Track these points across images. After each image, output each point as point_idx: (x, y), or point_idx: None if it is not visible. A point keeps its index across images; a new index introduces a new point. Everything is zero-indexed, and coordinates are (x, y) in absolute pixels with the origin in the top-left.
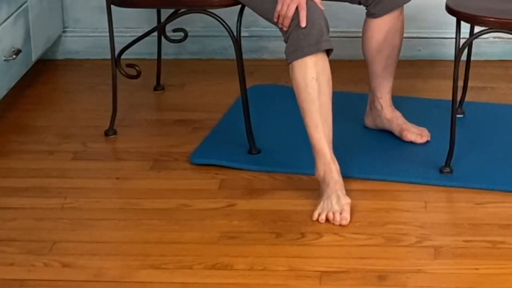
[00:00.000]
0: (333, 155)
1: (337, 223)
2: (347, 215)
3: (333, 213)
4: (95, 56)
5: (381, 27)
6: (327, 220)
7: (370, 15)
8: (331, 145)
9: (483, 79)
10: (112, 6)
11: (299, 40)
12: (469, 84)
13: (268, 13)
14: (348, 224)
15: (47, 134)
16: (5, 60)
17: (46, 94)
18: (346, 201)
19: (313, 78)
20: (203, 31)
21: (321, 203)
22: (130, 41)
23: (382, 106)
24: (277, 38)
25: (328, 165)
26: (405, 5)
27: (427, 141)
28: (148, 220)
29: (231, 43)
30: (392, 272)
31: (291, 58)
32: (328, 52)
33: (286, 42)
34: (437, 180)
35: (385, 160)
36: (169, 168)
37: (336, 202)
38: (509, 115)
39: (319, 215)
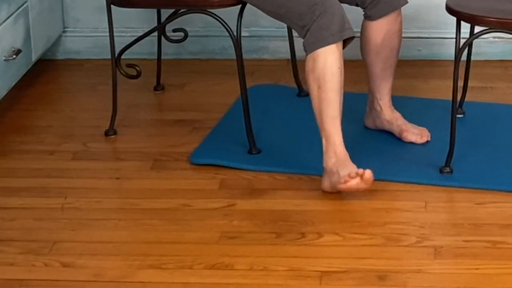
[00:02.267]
0: (344, 146)
1: (360, 173)
2: (369, 175)
3: (356, 172)
4: (95, 56)
5: (379, 30)
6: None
7: (367, 17)
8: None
9: (483, 79)
10: (112, 6)
11: (322, 30)
12: (469, 84)
13: (282, 9)
14: (348, 224)
15: (47, 134)
16: (5, 60)
17: (46, 94)
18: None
19: (338, 68)
20: (203, 31)
21: (335, 176)
22: (130, 41)
23: (381, 107)
24: (277, 38)
25: (342, 154)
26: (405, 6)
27: (427, 141)
28: (148, 220)
29: (231, 43)
30: (392, 272)
31: (313, 48)
32: (346, 41)
33: (304, 35)
34: (437, 180)
35: (385, 160)
36: (169, 168)
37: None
38: (509, 115)
39: (344, 178)
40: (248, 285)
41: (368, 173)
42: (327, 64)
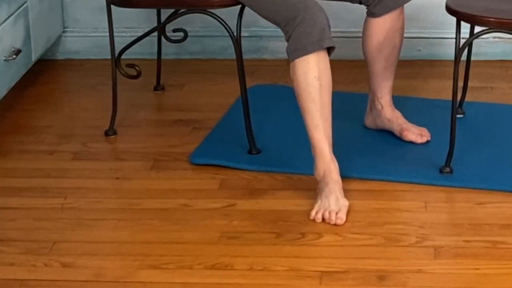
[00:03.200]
0: (333, 155)
1: (332, 222)
2: (343, 216)
3: (329, 212)
4: (95, 56)
5: (382, 27)
6: (323, 219)
7: (371, 14)
8: (331, 145)
9: (483, 79)
10: (112, 6)
11: (301, 38)
12: (469, 84)
13: (270, 13)
14: (348, 224)
15: (47, 134)
16: (5, 60)
17: (46, 94)
18: (344, 202)
19: (315, 77)
20: (203, 31)
21: (319, 201)
22: (130, 41)
23: (382, 106)
24: (277, 38)
25: (328, 165)
26: (405, 5)
27: (427, 141)
28: (148, 220)
29: (231, 43)
30: (392, 272)
31: (293, 56)
32: (330, 50)
33: (287, 41)
34: (437, 180)
35: (385, 160)
36: (169, 168)
37: (335, 203)
38: (509, 115)
39: (316, 213)
40: (248, 285)
41: (338, 222)
42: (303, 74)
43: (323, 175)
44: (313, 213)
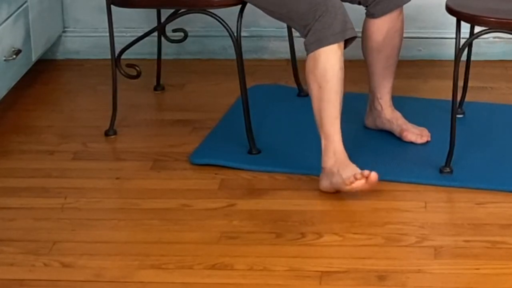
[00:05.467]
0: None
1: (367, 174)
2: (367, 171)
3: (359, 173)
4: (95, 56)
5: (381, 27)
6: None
7: (370, 15)
8: None
9: (483, 79)
10: (112, 6)
11: (324, 29)
12: (469, 84)
13: (284, 8)
14: (348, 224)
15: (47, 134)
16: (5, 60)
17: (46, 94)
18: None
19: (340, 68)
20: (203, 31)
21: (337, 178)
22: (130, 41)
23: (382, 107)
24: (277, 38)
25: (340, 155)
26: (405, 5)
27: (427, 141)
28: (148, 220)
29: (231, 43)
30: (392, 272)
31: (314, 47)
32: (348, 41)
33: (306, 35)
34: (437, 180)
35: (385, 160)
36: (169, 168)
37: (352, 170)
38: (509, 115)
39: (350, 183)
40: (248, 285)
41: (373, 176)
42: (329, 64)
43: (334, 165)
44: (348, 183)
